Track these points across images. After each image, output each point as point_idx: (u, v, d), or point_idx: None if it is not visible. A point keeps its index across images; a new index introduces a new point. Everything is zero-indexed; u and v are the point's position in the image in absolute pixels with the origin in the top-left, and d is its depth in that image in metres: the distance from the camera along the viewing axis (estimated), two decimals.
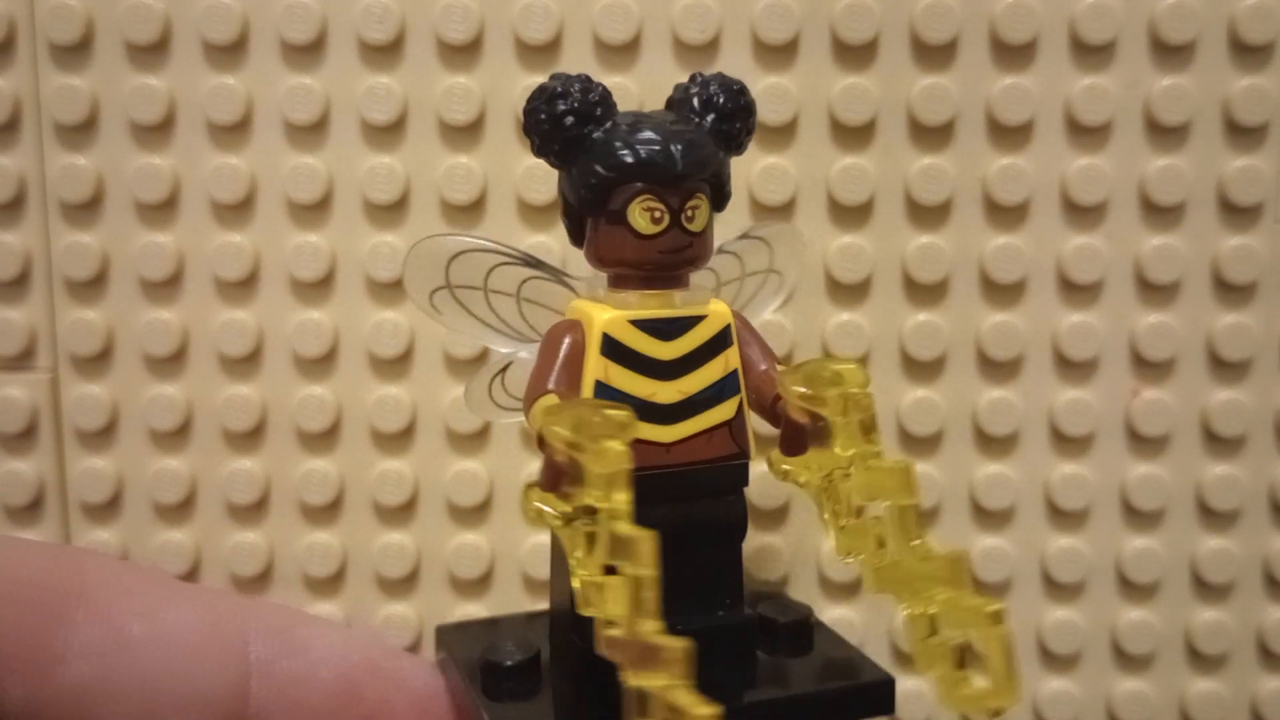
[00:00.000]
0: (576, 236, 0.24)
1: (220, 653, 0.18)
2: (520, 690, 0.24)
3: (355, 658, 0.19)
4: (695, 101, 0.23)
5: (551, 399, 0.22)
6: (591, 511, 0.19)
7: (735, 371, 0.24)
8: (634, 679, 0.17)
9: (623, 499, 0.19)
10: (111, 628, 0.17)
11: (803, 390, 0.22)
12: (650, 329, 0.23)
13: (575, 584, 0.19)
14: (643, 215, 0.22)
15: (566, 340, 0.23)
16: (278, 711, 0.18)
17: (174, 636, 0.18)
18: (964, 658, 0.20)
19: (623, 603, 0.18)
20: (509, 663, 0.24)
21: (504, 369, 0.26)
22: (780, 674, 0.25)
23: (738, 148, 0.24)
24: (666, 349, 0.23)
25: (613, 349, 0.23)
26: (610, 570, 0.19)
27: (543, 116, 0.23)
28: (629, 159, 0.22)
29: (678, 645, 0.17)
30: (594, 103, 0.23)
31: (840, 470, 0.23)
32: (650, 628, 0.18)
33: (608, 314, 0.23)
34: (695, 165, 0.23)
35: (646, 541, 0.18)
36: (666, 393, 0.23)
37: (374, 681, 0.19)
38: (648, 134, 0.22)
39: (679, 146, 0.22)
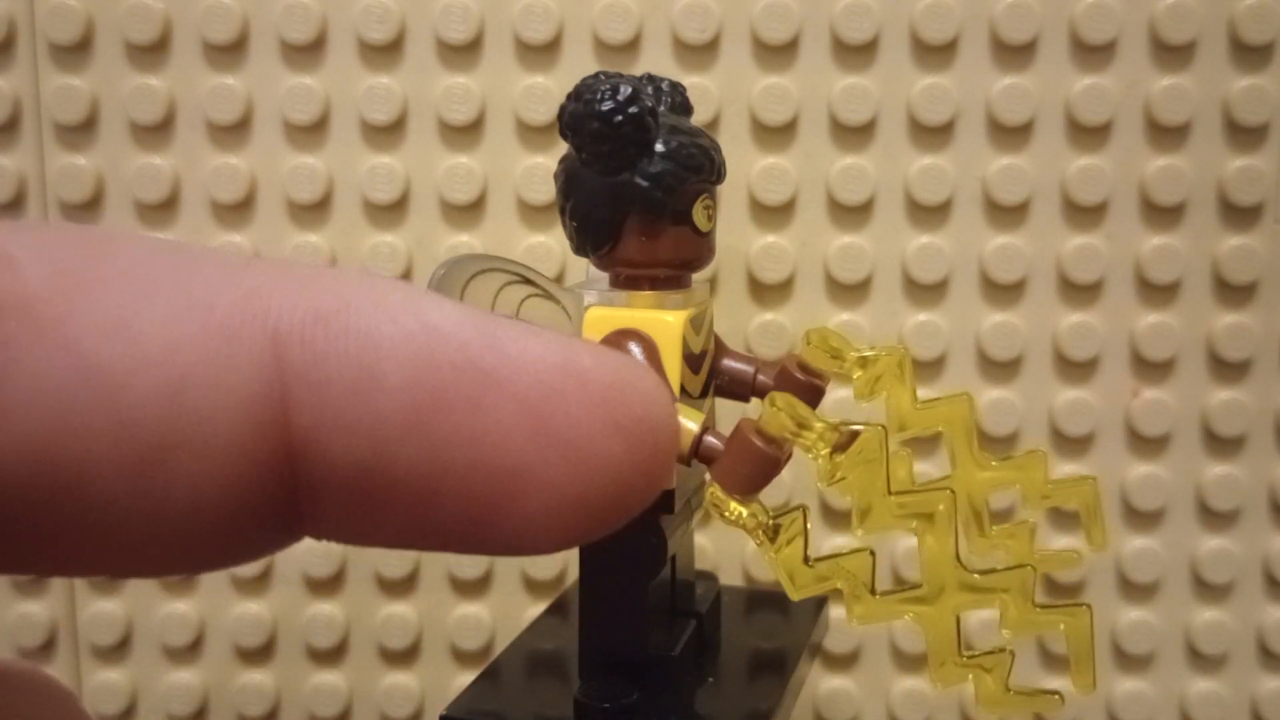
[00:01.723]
0: (604, 239, 0.23)
1: (246, 335, 0.13)
2: None
3: (434, 348, 0.13)
4: (674, 101, 0.24)
5: (685, 408, 0.21)
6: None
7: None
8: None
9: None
10: (109, 314, 0.13)
11: (823, 343, 0.21)
12: (694, 325, 0.23)
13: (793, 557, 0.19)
14: (703, 212, 0.22)
15: (644, 348, 0.22)
16: (328, 422, 0.13)
17: (208, 314, 0.13)
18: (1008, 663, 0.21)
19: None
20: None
21: None
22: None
23: None
24: (699, 342, 0.23)
25: (686, 350, 0.23)
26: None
27: (628, 118, 0.22)
28: (701, 158, 0.22)
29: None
30: (656, 101, 0.23)
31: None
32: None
33: (673, 315, 0.22)
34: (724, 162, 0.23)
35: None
36: (695, 383, 0.23)
37: (459, 381, 0.13)
38: (695, 134, 0.23)
39: (715, 144, 0.23)
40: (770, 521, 0.19)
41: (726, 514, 0.19)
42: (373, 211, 0.32)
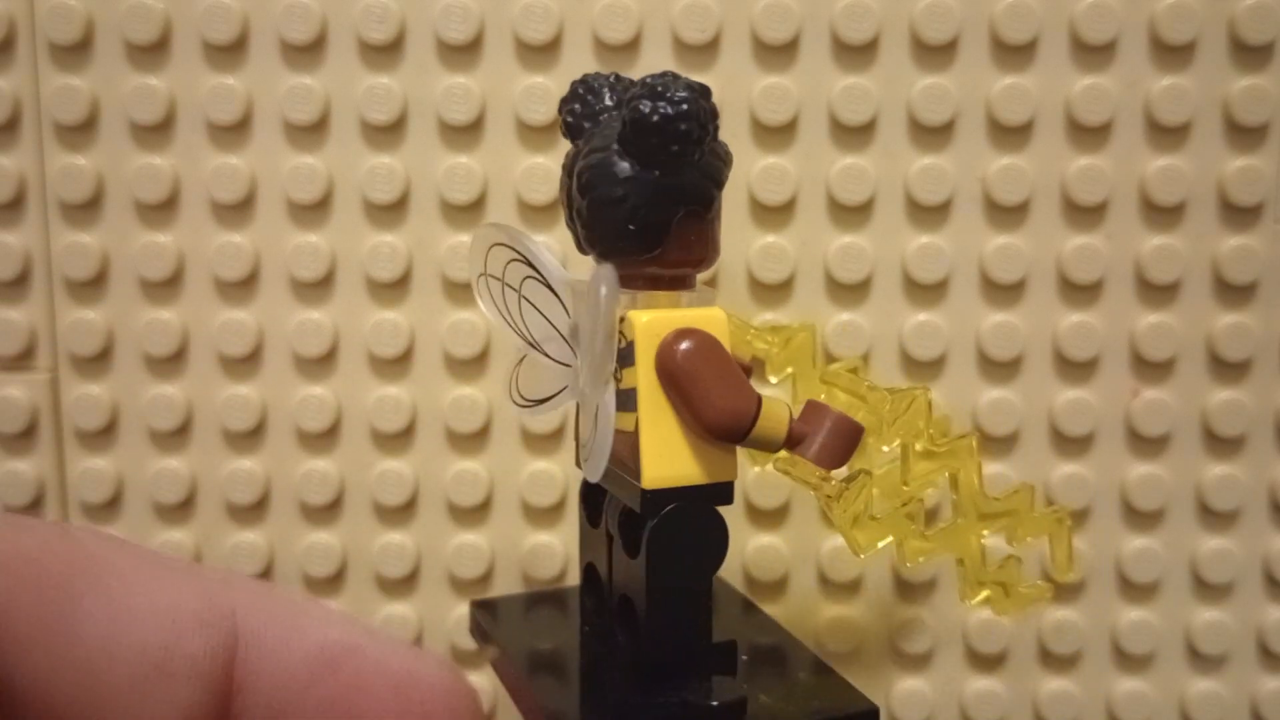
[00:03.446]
0: (656, 239, 0.22)
1: (212, 623, 0.19)
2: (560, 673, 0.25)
3: (337, 633, 0.20)
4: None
5: (773, 400, 0.22)
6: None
7: None
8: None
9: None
10: (114, 602, 0.18)
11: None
12: None
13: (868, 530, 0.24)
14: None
15: (721, 349, 0.22)
16: (260, 677, 0.19)
17: (171, 609, 0.19)
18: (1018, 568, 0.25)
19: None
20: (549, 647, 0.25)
21: (519, 364, 0.26)
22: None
23: None
24: None
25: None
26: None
27: (700, 120, 0.21)
28: (728, 158, 0.23)
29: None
30: None
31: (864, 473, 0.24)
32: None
33: (719, 313, 0.23)
34: None
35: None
36: None
37: (352, 658, 0.20)
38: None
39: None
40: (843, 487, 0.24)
41: (825, 490, 0.23)
42: (373, 211, 0.32)
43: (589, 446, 0.22)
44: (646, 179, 0.22)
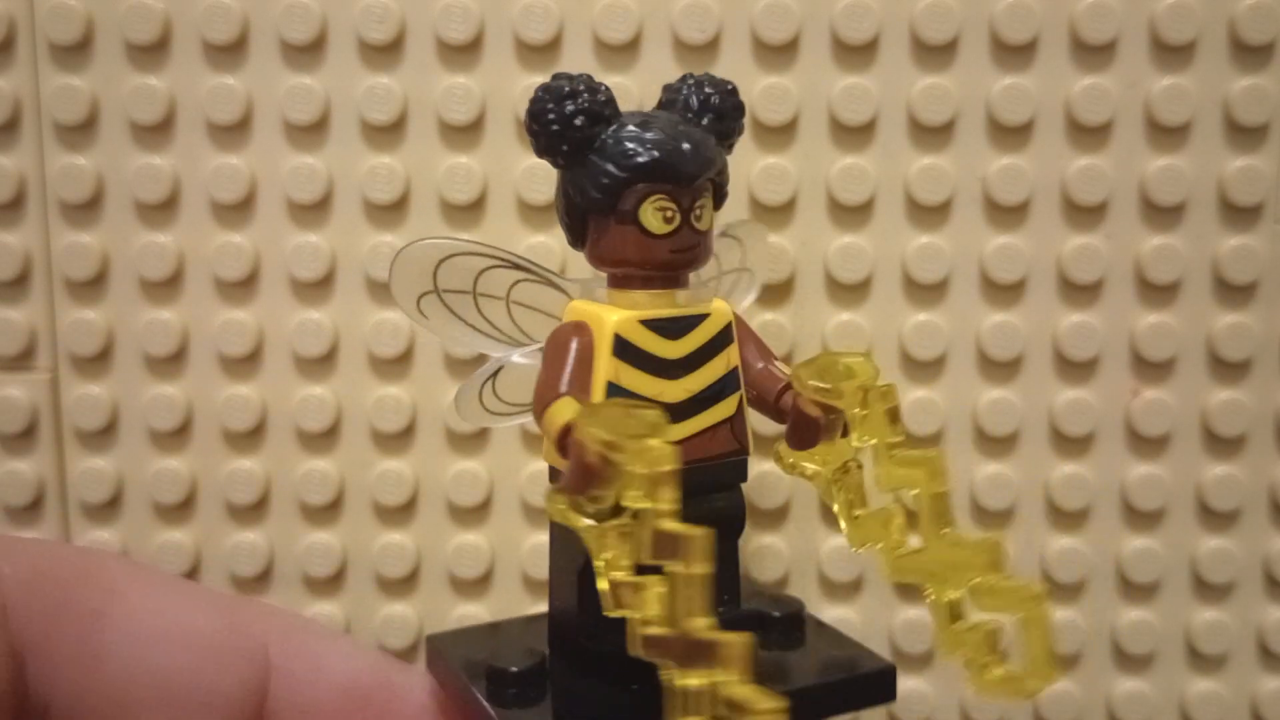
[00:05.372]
0: (578, 238, 0.24)
1: (242, 654, 0.19)
2: (527, 697, 0.24)
3: (364, 667, 0.20)
4: (693, 101, 0.23)
5: (569, 402, 0.22)
6: (620, 511, 0.19)
7: (736, 369, 0.24)
8: (681, 678, 0.17)
9: (670, 496, 0.18)
10: (143, 626, 0.18)
11: (818, 384, 0.22)
12: (658, 328, 0.23)
13: (602, 585, 0.19)
14: (655, 215, 0.22)
15: (575, 343, 0.23)
16: (291, 712, 0.19)
17: (198, 637, 0.19)
18: (994, 642, 0.21)
19: (667, 601, 0.18)
20: (515, 669, 0.24)
21: (495, 374, 0.26)
22: (781, 668, 0.25)
23: (729, 147, 0.24)
24: (673, 348, 0.23)
25: (624, 349, 0.23)
26: (642, 570, 0.18)
27: (552, 117, 0.23)
28: (643, 159, 0.22)
29: (737, 640, 0.17)
30: (603, 103, 0.23)
31: (854, 461, 0.23)
32: (703, 624, 0.17)
33: (617, 314, 0.23)
34: (704, 165, 0.23)
35: (701, 539, 0.18)
36: (673, 391, 0.23)
37: (380, 691, 0.20)
38: (658, 134, 0.22)
39: (689, 146, 0.22)
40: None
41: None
42: (373, 211, 0.32)
43: None
44: (557, 181, 0.23)
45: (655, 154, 0.22)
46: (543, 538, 0.32)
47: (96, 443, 0.33)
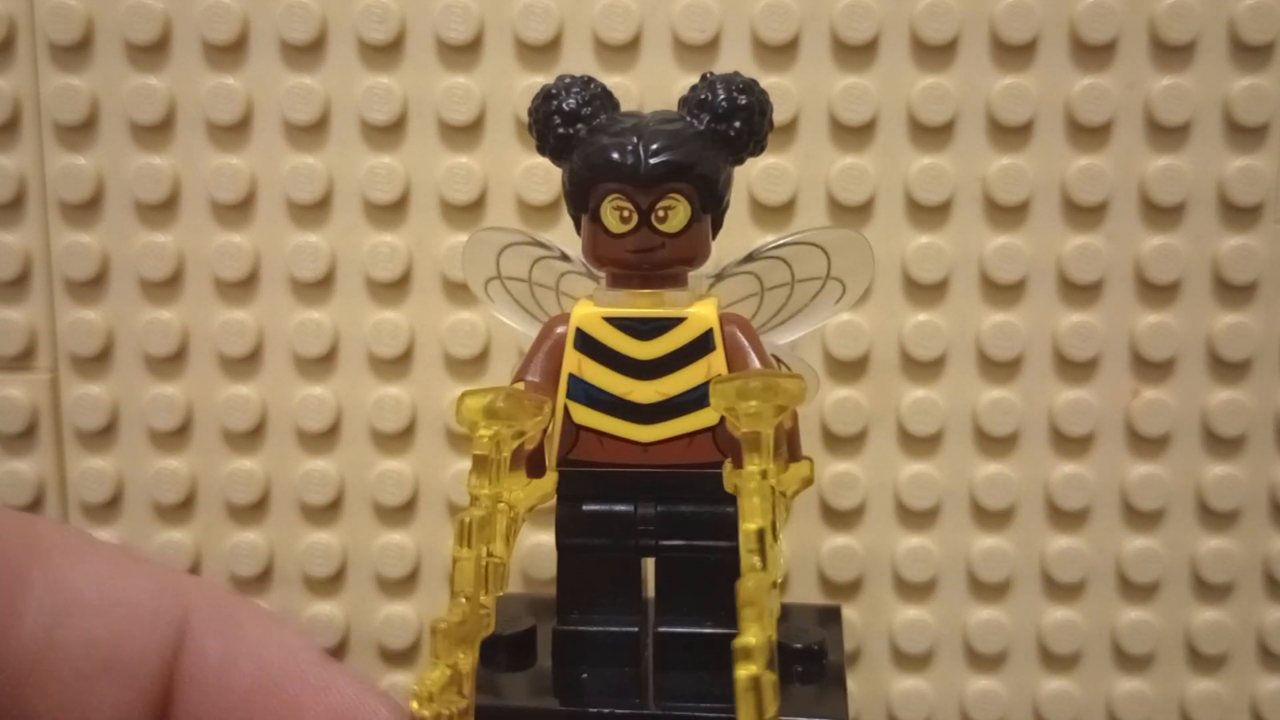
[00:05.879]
0: (579, 231, 0.24)
1: (162, 623, 0.19)
2: (517, 662, 0.25)
3: (281, 655, 0.20)
4: (695, 101, 0.23)
5: (517, 386, 0.23)
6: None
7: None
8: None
9: (475, 482, 0.20)
10: (65, 589, 0.18)
11: (722, 404, 0.22)
12: (626, 327, 0.23)
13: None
14: (613, 214, 0.23)
15: (553, 333, 0.24)
16: (198, 688, 0.19)
17: (122, 602, 0.19)
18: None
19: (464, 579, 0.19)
20: (506, 634, 0.24)
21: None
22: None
23: (742, 149, 0.24)
24: (643, 348, 0.23)
25: (585, 343, 0.23)
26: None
27: (538, 116, 0.23)
28: (596, 158, 0.23)
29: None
30: (583, 102, 0.23)
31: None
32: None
33: (584, 310, 0.23)
34: (665, 166, 0.22)
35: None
36: (644, 392, 0.23)
37: (292, 683, 0.19)
38: (622, 133, 0.22)
39: (652, 146, 0.22)
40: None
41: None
42: (373, 211, 0.32)
43: None
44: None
45: (611, 154, 0.22)
46: (543, 538, 0.32)
47: (96, 443, 0.33)
